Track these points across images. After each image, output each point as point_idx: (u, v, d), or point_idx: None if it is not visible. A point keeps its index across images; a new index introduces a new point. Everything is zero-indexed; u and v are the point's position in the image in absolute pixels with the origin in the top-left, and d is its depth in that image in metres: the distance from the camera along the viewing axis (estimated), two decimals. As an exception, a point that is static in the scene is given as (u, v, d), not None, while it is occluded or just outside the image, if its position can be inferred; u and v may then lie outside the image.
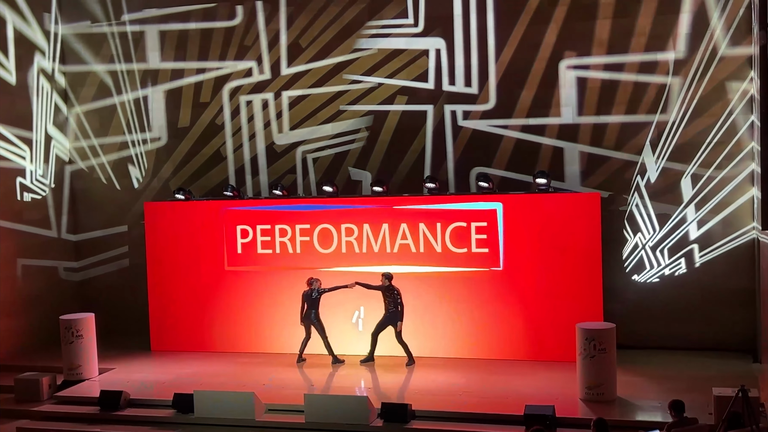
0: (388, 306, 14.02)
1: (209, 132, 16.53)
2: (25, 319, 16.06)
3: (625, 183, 14.50)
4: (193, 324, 15.63)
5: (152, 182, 16.91)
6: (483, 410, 11.64)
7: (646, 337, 14.41)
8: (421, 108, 15.42)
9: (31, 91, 16.41)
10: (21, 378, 13.59)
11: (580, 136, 14.65)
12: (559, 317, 13.82)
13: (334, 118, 15.89)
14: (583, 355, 11.84)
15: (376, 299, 14.14)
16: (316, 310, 14.31)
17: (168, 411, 12.38)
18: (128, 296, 16.87)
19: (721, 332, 14.14)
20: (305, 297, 14.32)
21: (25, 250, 16.24)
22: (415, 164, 15.47)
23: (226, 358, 14.99)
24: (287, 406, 12.24)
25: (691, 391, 11.46)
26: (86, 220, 17.44)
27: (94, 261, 17.45)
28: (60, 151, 17.14)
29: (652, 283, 14.50)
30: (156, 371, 14.43)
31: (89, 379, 13.93)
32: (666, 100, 14.22)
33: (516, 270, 14.14)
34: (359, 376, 13.67)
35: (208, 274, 15.53)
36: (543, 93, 14.77)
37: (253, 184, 16.36)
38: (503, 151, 15.03)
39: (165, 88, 16.71)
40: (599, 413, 10.50)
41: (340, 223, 14.83)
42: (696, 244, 14.28)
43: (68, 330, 13.89)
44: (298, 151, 16.11)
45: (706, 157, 14.09)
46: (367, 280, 14.18)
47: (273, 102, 16.18)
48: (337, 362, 14.30)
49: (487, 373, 13.44)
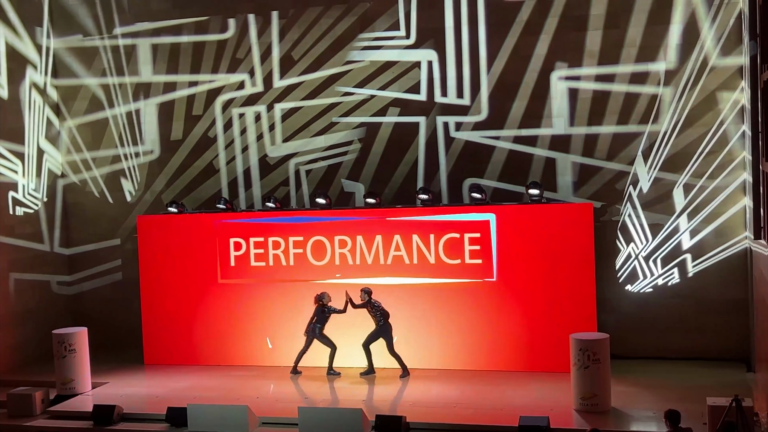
0: (378, 320, 13.99)
1: (202, 144, 16.53)
2: (18, 333, 15.99)
3: (618, 193, 14.53)
4: (187, 337, 15.59)
5: (145, 195, 16.89)
6: (477, 422, 11.63)
7: (640, 347, 14.42)
8: (413, 120, 15.45)
9: (23, 105, 16.39)
10: (13, 393, 13.50)
11: (572, 146, 14.69)
12: (552, 328, 13.82)
13: (326, 130, 15.90)
14: (577, 365, 11.84)
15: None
16: (322, 326, 14.28)
17: (161, 425, 12.33)
18: (121, 310, 16.82)
19: (714, 342, 14.16)
20: (317, 311, 14.28)
21: (18, 264, 16.18)
22: (408, 176, 15.48)
23: (220, 372, 14.96)
24: (281, 419, 12.20)
25: (685, 400, 11.46)
26: (79, 233, 17.40)
27: (87, 275, 17.40)
28: (52, 164, 17.12)
29: (645, 293, 14.52)
30: (149, 385, 14.38)
31: (82, 393, 13.87)
32: (657, 111, 14.27)
33: (509, 281, 14.14)
34: (353, 388, 13.63)
35: (201, 287, 15.49)
36: (535, 104, 14.82)
37: (246, 196, 16.35)
38: (496, 162, 15.06)
39: (157, 101, 16.71)
40: (594, 424, 10.49)
41: (334, 235, 14.83)
42: (689, 253, 14.31)
43: (61, 344, 13.84)
44: (291, 163, 16.12)
45: (698, 167, 14.13)
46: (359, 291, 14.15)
47: (266, 114, 16.19)
48: (333, 373, 14.27)
49: (481, 385, 13.43)
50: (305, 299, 14.54)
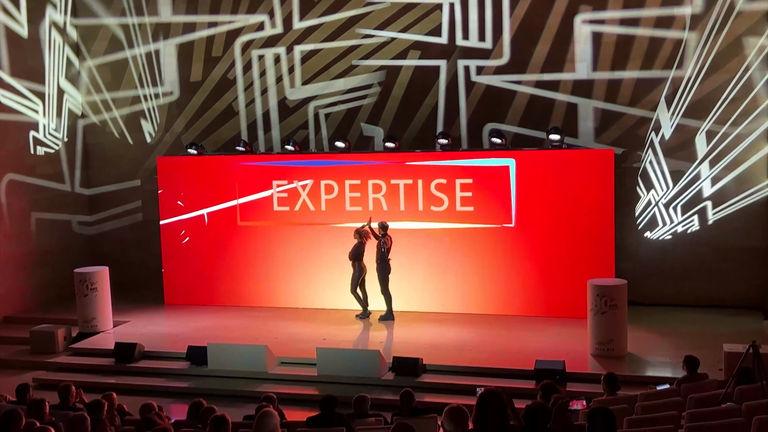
0: (381, 257, 13.94)
1: (221, 86, 16.47)
2: (40, 272, 16.18)
3: (639, 139, 14.41)
4: (206, 279, 15.73)
5: (164, 137, 16.90)
6: (494, 365, 11.73)
7: (658, 293, 14.43)
8: (434, 63, 15.31)
9: (43, 44, 16.35)
10: (36, 330, 13.75)
11: (594, 91, 14.53)
12: (570, 274, 13.83)
13: (346, 73, 15.79)
14: (594, 311, 11.87)
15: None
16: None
17: (182, 363, 12.53)
18: (142, 250, 16.95)
19: (732, 289, 14.14)
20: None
21: (39, 203, 16.31)
22: (428, 120, 15.39)
23: (239, 312, 15.11)
24: (299, 359, 12.36)
25: (701, 347, 11.47)
26: (99, 174, 17.48)
27: (108, 215, 17.52)
28: (72, 105, 17.13)
29: (664, 241, 14.48)
30: (169, 324, 14.57)
31: (104, 331, 14.08)
32: (682, 56, 14.07)
33: (528, 226, 14.12)
34: (371, 330, 13.75)
35: (220, 229, 15.58)
36: (557, 48, 14.63)
37: (266, 139, 16.33)
38: (517, 107, 14.93)
39: (177, 42, 16.62)
40: (609, 368, 10.55)
41: (351, 179, 14.81)
42: (709, 201, 14.22)
43: (83, 283, 14.01)
44: (310, 106, 16.05)
45: (721, 114, 13.97)
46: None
47: (285, 56, 16.08)
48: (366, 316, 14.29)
49: (498, 329, 13.50)
50: (322, 242, 14.65)
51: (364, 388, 10.37)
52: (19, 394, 9.08)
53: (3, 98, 15.45)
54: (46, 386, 11.94)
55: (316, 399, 9.29)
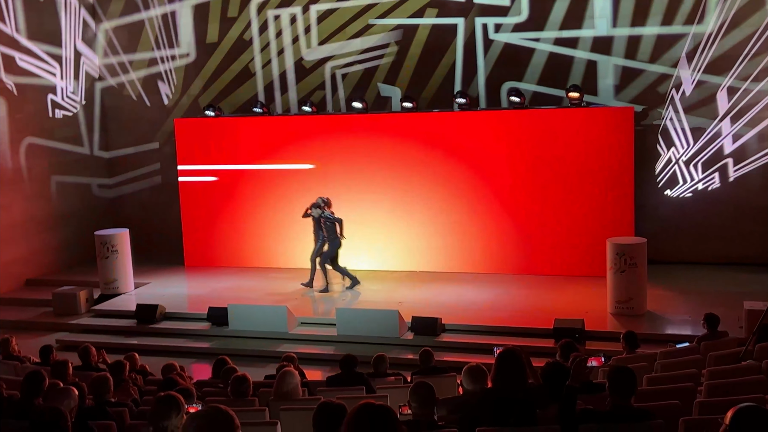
0: (329, 234, 13.61)
1: (237, 48, 16.39)
2: (61, 234, 16.31)
3: (660, 96, 14.25)
4: (225, 240, 15.79)
5: (182, 99, 16.88)
6: (513, 324, 11.77)
7: (678, 252, 14.36)
8: (451, 21, 15.15)
9: (59, 6, 16.29)
10: (59, 292, 13.90)
11: (614, 48, 14.35)
12: (590, 232, 13.79)
13: (362, 32, 15.66)
14: (614, 269, 11.85)
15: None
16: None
17: (203, 324, 12.64)
18: (161, 213, 17.01)
19: (752, 247, 14.05)
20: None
21: (59, 166, 16.39)
22: (446, 79, 15.27)
23: (259, 273, 15.18)
24: (319, 319, 12.45)
25: (721, 305, 11.41)
26: (117, 137, 17.51)
27: (127, 178, 17.57)
28: (90, 67, 17.12)
29: (684, 198, 14.38)
30: (190, 286, 14.69)
31: (125, 293, 14.20)
32: (703, 11, 13.85)
33: (548, 185, 14.04)
34: (391, 290, 13.77)
35: (240, 191, 15.58)
36: (576, 4, 14.42)
37: (282, 100, 16.28)
38: (535, 64, 14.78)
39: (192, 3, 16.52)
40: (629, 327, 10.52)
41: (371, 139, 14.75)
42: (730, 158, 14.09)
43: (104, 245, 14.11)
44: (327, 66, 15.96)
45: (742, 70, 13.77)
46: (397, 198, 14.12)
47: (301, 16, 15.96)
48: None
49: (517, 288, 13.52)
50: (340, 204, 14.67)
51: (384, 348, 10.43)
52: (43, 355, 9.21)
53: (21, 61, 15.46)
54: (69, 347, 12.08)
55: (335, 359, 9.35)
